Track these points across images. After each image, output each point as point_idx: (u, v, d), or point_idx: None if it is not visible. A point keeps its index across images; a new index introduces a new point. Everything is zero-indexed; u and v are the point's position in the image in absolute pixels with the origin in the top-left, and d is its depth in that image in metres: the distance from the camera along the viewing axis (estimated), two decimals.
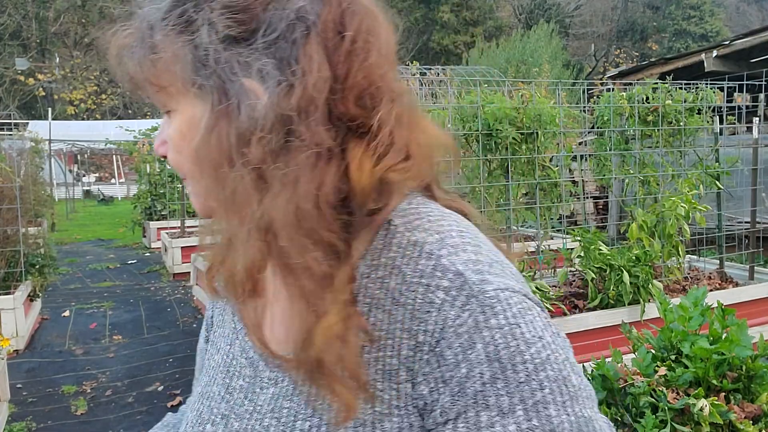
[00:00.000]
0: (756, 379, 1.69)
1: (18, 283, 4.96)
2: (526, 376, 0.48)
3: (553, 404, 0.48)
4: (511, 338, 0.49)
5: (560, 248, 4.05)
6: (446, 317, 0.50)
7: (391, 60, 0.57)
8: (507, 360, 0.48)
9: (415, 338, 0.51)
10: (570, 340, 1.59)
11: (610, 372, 1.69)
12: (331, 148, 0.52)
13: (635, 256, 3.62)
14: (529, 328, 0.50)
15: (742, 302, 3.94)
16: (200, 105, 0.54)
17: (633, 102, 4.24)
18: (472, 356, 0.49)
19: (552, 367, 0.49)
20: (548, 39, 22.10)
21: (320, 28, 0.53)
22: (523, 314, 0.50)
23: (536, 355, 0.49)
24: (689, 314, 1.77)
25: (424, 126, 0.59)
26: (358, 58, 0.53)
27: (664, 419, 1.58)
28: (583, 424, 0.49)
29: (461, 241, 0.54)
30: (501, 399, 0.48)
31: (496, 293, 0.50)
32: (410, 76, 5.64)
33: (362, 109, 0.53)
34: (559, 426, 0.48)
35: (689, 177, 4.24)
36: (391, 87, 0.56)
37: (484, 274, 0.51)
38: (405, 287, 0.52)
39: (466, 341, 0.49)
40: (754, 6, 39.71)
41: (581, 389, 0.51)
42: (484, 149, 3.88)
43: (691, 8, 33.42)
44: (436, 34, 30.85)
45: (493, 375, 0.48)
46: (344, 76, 0.53)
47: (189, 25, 0.54)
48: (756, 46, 8.41)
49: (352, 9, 0.55)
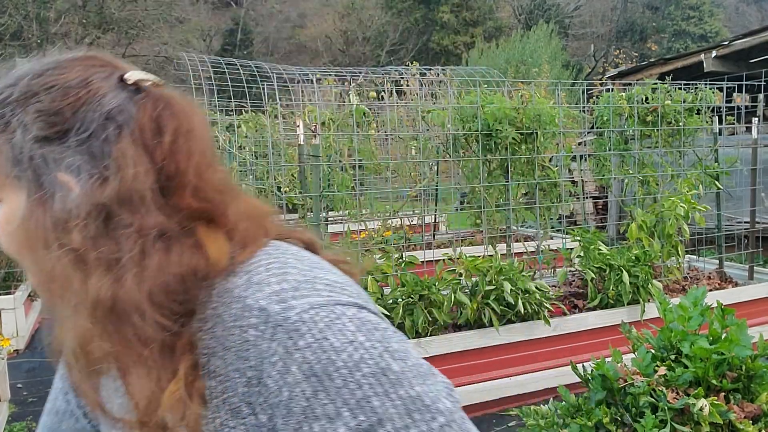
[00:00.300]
0: (756, 379, 1.69)
1: (18, 283, 4.96)
2: (342, 381, 0.53)
3: (375, 396, 0.53)
4: (321, 352, 0.54)
5: (560, 248, 4.05)
6: (261, 351, 0.56)
7: (212, 155, 0.65)
8: (322, 372, 0.54)
9: (245, 375, 0.57)
10: (570, 339, 1.60)
11: (609, 372, 1.70)
12: (168, 233, 0.59)
13: (635, 256, 3.62)
14: (338, 337, 0.55)
15: (742, 302, 3.94)
16: (20, 195, 0.61)
17: (632, 102, 4.25)
18: (289, 379, 0.54)
19: (367, 364, 0.54)
20: (548, 39, 22.11)
21: (136, 128, 0.60)
22: (330, 326, 0.55)
23: (348, 359, 0.54)
24: (689, 314, 1.77)
25: (252, 203, 0.68)
26: (183, 156, 0.61)
27: (663, 419, 1.58)
28: (410, 402, 0.54)
29: (266, 276, 0.59)
30: (326, 407, 0.53)
31: (300, 316, 0.56)
32: (410, 76, 5.64)
33: (203, 202, 0.61)
34: (386, 413, 0.53)
35: (688, 177, 4.24)
36: (222, 182, 0.65)
37: (288, 301, 0.57)
38: (227, 333, 0.58)
39: (281, 368, 0.55)
40: (754, 6, 39.72)
41: (406, 371, 0.56)
42: (484, 149, 3.88)
43: (690, 9, 33.42)
44: (436, 34, 30.84)
45: (314, 390, 0.54)
46: (174, 173, 0.60)
47: (7, 126, 0.61)
48: (755, 47, 8.42)
49: (169, 112, 0.62)
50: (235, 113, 6.53)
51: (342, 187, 3.94)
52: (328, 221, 4.96)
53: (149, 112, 0.62)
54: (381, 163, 4.73)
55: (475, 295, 3.27)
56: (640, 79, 9.10)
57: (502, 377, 3.28)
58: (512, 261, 3.52)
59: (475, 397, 3.20)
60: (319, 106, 4.26)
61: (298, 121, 3.48)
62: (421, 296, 3.16)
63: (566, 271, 3.78)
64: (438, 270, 3.39)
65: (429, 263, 3.81)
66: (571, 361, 1.88)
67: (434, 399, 0.56)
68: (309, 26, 34.04)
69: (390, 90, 5.03)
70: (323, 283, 0.60)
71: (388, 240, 4.15)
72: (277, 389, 0.55)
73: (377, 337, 0.57)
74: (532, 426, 1.79)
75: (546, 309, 3.34)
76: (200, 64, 5.50)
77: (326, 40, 33.36)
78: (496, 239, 4.24)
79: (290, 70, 6.09)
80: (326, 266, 0.64)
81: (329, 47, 33.32)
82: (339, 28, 33.13)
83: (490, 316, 3.23)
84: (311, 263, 0.63)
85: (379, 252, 3.46)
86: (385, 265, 3.29)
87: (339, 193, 4.05)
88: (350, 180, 4.02)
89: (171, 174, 0.60)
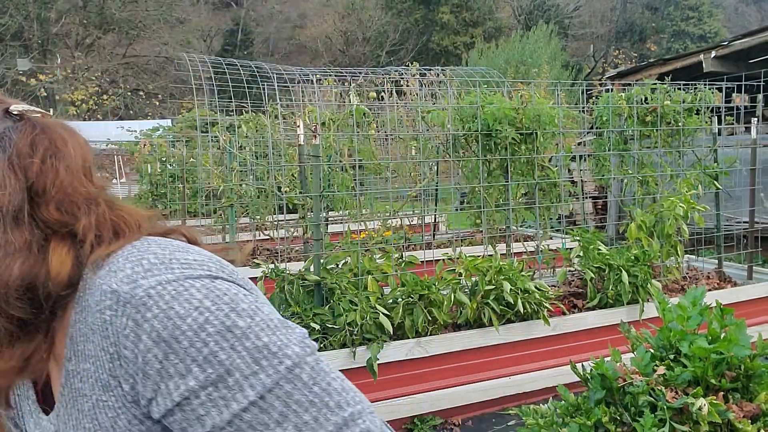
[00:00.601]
0: (754, 379, 1.69)
1: None
2: (189, 342, 0.62)
3: (222, 351, 0.62)
4: (167, 320, 0.62)
5: (559, 248, 4.06)
6: (116, 328, 0.64)
7: (83, 173, 0.75)
8: (169, 337, 0.62)
9: (108, 352, 0.65)
10: (569, 339, 1.60)
11: (609, 371, 1.70)
12: (27, 246, 0.68)
13: (634, 255, 3.63)
14: (184, 305, 0.63)
15: (741, 302, 3.95)
16: None
17: (632, 102, 4.25)
18: (141, 347, 0.62)
19: (212, 324, 0.62)
20: (547, 40, 22.12)
21: (14, 152, 0.70)
22: (176, 297, 0.63)
23: (193, 323, 0.62)
24: (688, 314, 1.77)
25: (125, 209, 0.77)
26: (49, 176, 0.71)
27: (662, 418, 1.59)
28: (256, 351, 0.62)
29: (123, 264, 0.67)
30: (177, 366, 0.61)
31: (147, 292, 0.64)
32: (410, 76, 5.65)
33: (65, 215, 0.71)
34: (233, 364, 0.61)
35: (688, 177, 4.25)
36: (87, 195, 0.73)
37: (137, 281, 0.65)
38: (93, 318, 0.66)
39: (134, 339, 0.63)
40: (753, 7, 39.73)
41: (252, 326, 0.64)
42: (484, 149, 3.88)
43: (689, 9, 33.43)
44: (436, 35, 30.86)
45: (164, 353, 0.62)
46: (42, 190, 0.70)
47: None
48: (754, 47, 8.42)
49: (40, 137, 0.72)
50: (236, 113, 6.54)
51: (342, 187, 3.95)
52: (328, 221, 4.97)
53: (27, 137, 0.71)
54: (381, 163, 4.74)
55: (475, 295, 3.27)
56: (639, 79, 9.10)
57: (502, 376, 3.29)
58: (512, 261, 3.52)
59: (474, 396, 3.21)
60: (319, 107, 4.26)
61: (298, 121, 3.48)
62: (421, 296, 3.16)
63: (566, 270, 3.78)
64: (438, 270, 3.39)
65: (429, 263, 3.82)
66: (571, 361, 1.88)
67: (281, 346, 0.64)
68: (309, 27, 34.04)
69: (390, 90, 5.04)
70: (180, 262, 0.67)
71: (388, 240, 4.15)
72: (133, 358, 0.63)
73: (225, 301, 0.64)
74: (531, 425, 1.79)
75: (545, 309, 3.35)
76: (201, 64, 5.51)
77: (326, 41, 33.37)
78: (495, 239, 4.25)
79: (290, 71, 6.10)
80: (193, 250, 0.71)
81: (329, 48, 33.33)
82: (339, 29, 33.14)
83: (490, 316, 3.23)
84: (175, 248, 0.70)
85: (379, 252, 3.46)
86: (385, 265, 3.29)
87: (339, 193, 4.05)
88: (350, 180, 4.02)
89: (39, 190, 0.70)
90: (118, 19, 29.14)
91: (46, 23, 27.75)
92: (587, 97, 5.25)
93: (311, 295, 3.21)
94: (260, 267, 3.41)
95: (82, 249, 0.70)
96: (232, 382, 0.61)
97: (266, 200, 5.49)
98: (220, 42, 32.78)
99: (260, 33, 34.49)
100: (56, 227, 0.70)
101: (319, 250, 3.20)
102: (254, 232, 6.17)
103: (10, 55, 26.42)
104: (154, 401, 0.63)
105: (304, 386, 0.64)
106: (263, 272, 3.31)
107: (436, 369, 3.16)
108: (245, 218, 6.50)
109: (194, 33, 32.26)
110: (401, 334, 3.16)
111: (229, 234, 5.34)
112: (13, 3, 26.10)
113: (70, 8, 28.37)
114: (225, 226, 5.67)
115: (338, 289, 3.12)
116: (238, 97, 6.04)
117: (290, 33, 34.70)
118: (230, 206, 5.31)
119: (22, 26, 27.07)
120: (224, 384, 0.61)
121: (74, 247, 0.71)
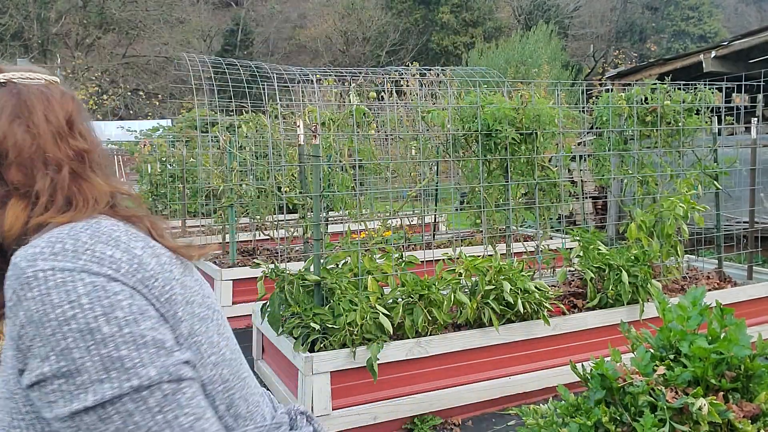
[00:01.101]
0: (754, 379, 1.69)
1: None
2: (52, 331, 0.66)
3: (77, 349, 0.66)
4: (41, 305, 0.67)
5: (559, 248, 4.06)
6: (9, 296, 0.70)
7: (56, 137, 0.80)
8: (38, 320, 0.67)
9: (9, 316, 0.71)
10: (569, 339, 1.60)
11: (608, 371, 1.70)
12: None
13: (634, 255, 3.63)
14: (61, 296, 0.67)
15: (741, 302, 3.95)
16: None
17: (632, 102, 4.25)
18: (18, 322, 0.68)
19: (77, 322, 0.66)
20: (547, 40, 22.11)
21: None
22: (59, 286, 0.67)
23: (61, 315, 0.66)
24: (688, 314, 1.77)
25: (91, 181, 0.82)
26: (11, 139, 0.77)
27: (662, 418, 1.59)
28: (108, 361, 0.66)
29: (39, 243, 0.72)
30: (41, 349, 0.67)
31: (35, 273, 0.68)
32: (410, 76, 5.65)
33: (24, 176, 0.77)
34: (83, 365, 0.66)
35: (688, 177, 4.25)
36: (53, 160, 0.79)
37: (38, 261, 0.69)
38: (5, 289, 0.72)
39: (15, 311, 0.69)
40: (753, 7, 39.72)
41: (116, 336, 0.67)
42: (484, 149, 3.88)
43: (689, 9, 33.42)
44: (436, 35, 30.84)
45: (33, 334, 0.67)
46: (5, 152, 0.77)
47: None
48: (754, 47, 8.42)
49: (15, 100, 0.79)
50: (236, 113, 6.54)
51: (342, 187, 3.95)
52: (328, 221, 4.97)
53: (1, 101, 0.79)
54: (381, 163, 4.74)
55: (475, 295, 3.27)
56: (639, 79, 9.11)
57: (502, 376, 3.29)
58: (512, 261, 3.52)
59: (474, 396, 3.21)
60: (319, 107, 4.26)
61: (298, 121, 3.48)
62: (421, 296, 3.16)
63: (565, 270, 3.78)
64: (438, 270, 3.39)
65: (429, 263, 3.82)
66: (571, 361, 1.88)
67: (137, 364, 0.67)
68: (309, 27, 34.03)
69: (390, 90, 5.04)
70: (93, 254, 0.71)
71: (388, 240, 4.15)
72: (12, 328, 0.70)
73: (103, 304, 0.68)
74: (531, 425, 1.79)
75: (545, 308, 3.35)
76: (201, 64, 5.51)
77: (326, 41, 33.35)
78: (495, 239, 4.25)
79: (290, 71, 6.10)
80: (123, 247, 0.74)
81: (329, 47, 33.32)
82: (339, 29, 33.12)
83: (490, 316, 3.23)
84: (105, 239, 0.73)
85: (379, 252, 3.46)
86: (385, 264, 3.29)
87: (339, 193, 4.05)
88: (350, 180, 4.02)
89: (3, 152, 0.77)
90: (118, 19, 29.13)
91: (46, 23, 27.74)
92: (587, 97, 5.25)
93: (311, 295, 3.21)
94: (260, 267, 3.41)
95: (34, 210, 0.76)
96: (80, 381, 0.66)
97: (266, 200, 5.49)
98: (220, 42, 32.76)
99: (260, 33, 34.47)
100: (18, 186, 0.77)
101: (319, 250, 3.20)
102: (254, 232, 6.17)
103: (10, 55, 26.40)
104: (24, 372, 0.69)
105: (148, 411, 0.66)
106: (263, 272, 3.31)
107: (436, 369, 3.16)
108: (245, 218, 6.50)
109: (194, 33, 32.25)
110: (401, 334, 3.16)
111: (229, 234, 5.34)
112: (13, 3, 26.09)
113: (70, 8, 28.36)
114: (225, 226, 5.67)
115: (338, 289, 3.12)
116: (238, 97, 6.04)
117: (290, 33, 34.68)
118: (230, 206, 5.31)
119: (22, 26, 27.05)
120: (73, 380, 0.66)
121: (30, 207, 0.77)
